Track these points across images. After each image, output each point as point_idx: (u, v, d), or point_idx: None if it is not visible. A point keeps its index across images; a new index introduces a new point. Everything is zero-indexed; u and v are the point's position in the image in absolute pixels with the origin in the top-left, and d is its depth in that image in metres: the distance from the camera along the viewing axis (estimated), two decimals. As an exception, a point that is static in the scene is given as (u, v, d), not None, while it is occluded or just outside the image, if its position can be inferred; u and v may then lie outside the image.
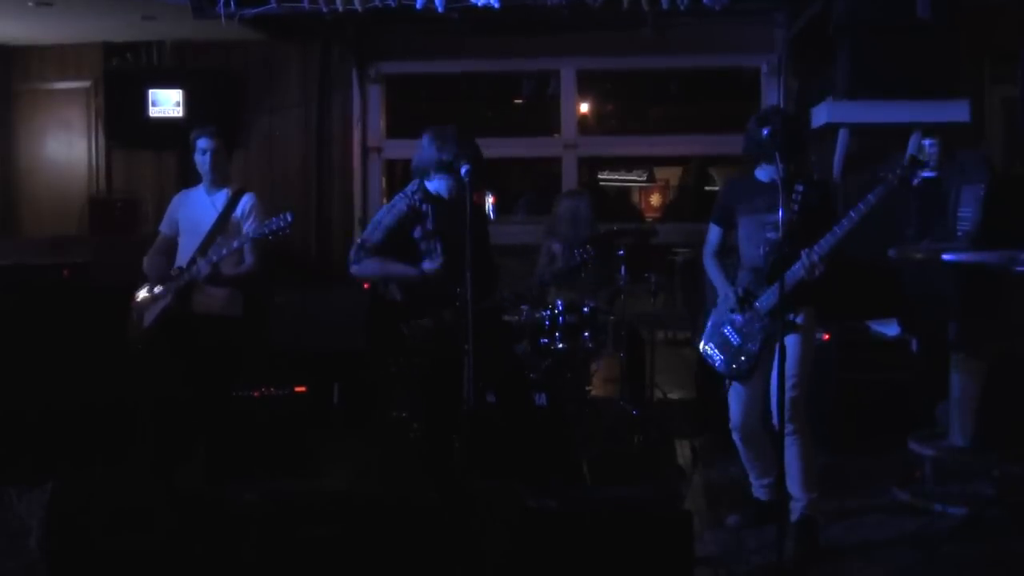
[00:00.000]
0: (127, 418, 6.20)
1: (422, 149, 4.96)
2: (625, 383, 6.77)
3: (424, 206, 5.00)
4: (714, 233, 5.29)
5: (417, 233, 4.99)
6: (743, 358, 5.02)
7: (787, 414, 4.88)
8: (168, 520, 4.18)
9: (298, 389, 6.40)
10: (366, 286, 7.76)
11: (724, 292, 5.12)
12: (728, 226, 5.23)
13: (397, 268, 5.00)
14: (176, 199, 5.81)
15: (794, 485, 4.97)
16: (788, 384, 4.88)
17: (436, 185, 4.98)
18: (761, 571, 4.74)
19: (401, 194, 5.10)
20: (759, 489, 5.35)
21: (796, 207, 4.85)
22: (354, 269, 5.08)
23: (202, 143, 5.55)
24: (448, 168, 4.86)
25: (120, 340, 5.64)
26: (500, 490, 5.24)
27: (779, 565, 4.43)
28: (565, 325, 6.28)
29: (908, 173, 4.75)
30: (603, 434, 6.34)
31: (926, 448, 5.97)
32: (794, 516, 4.95)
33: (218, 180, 5.60)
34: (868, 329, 6.86)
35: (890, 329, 6.76)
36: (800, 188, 4.92)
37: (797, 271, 4.78)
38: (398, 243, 5.01)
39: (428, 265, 4.93)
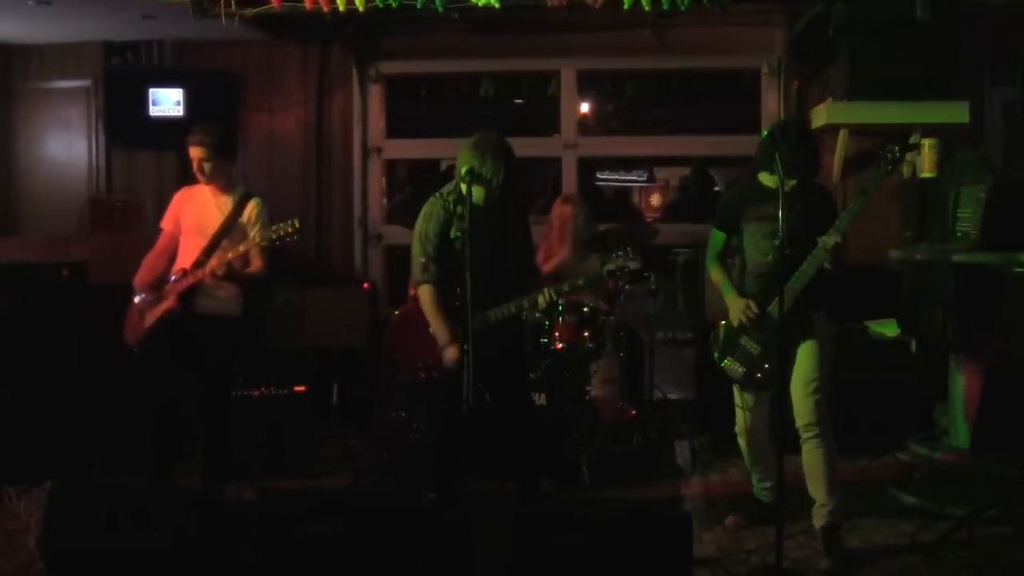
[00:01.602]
0: (126, 418, 6.20)
1: (462, 155, 4.99)
2: (624, 383, 6.77)
3: (458, 208, 5.05)
4: (718, 238, 5.24)
5: (452, 235, 5.06)
6: (767, 366, 4.98)
7: (811, 417, 4.87)
8: (167, 520, 4.18)
9: (297, 389, 6.40)
10: (365, 286, 7.78)
11: (735, 303, 5.06)
12: (732, 231, 5.17)
13: (436, 324, 5.06)
14: (179, 195, 5.77)
15: (819, 490, 4.94)
16: (811, 388, 4.87)
17: (471, 190, 4.97)
18: (759, 572, 4.75)
19: (436, 196, 5.16)
20: (761, 491, 5.35)
21: (800, 216, 4.82)
22: (419, 289, 5.15)
23: (193, 152, 5.48)
24: (480, 179, 4.89)
25: (119, 339, 5.63)
26: (499, 490, 5.25)
27: (777, 566, 4.43)
28: (565, 325, 6.28)
29: (899, 158, 4.74)
30: (602, 435, 6.34)
31: (925, 449, 5.97)
32: (819, 522, 4.93)
33: (219, 186, 5.57)
34: (867, 330, 6.86)
35: (889, 330, 6.76)
36: (805, 198, 4.89)
37: (806, 270, 4.77)
38: (446, 248, 5.08)
39: (447, 356, 4.98)
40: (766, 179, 4.99)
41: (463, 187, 4.97)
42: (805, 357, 4.93)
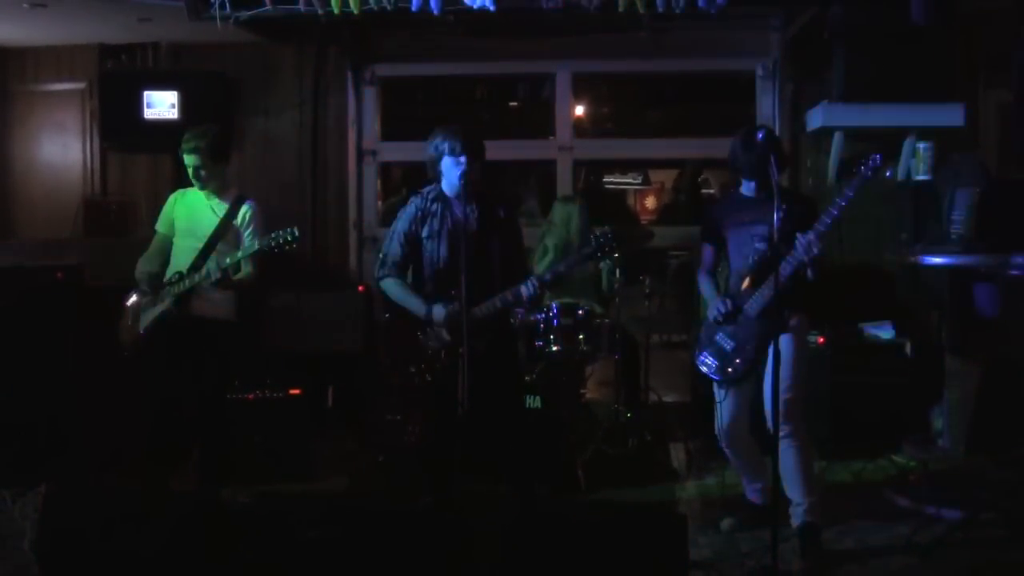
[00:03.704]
0: (122, 420, 6.19)
1: (430, 145, 5.00)
2: (620, 386, 6.77)
3: (435, 205, 5.04)
4: (707, 252, 5.34)
5: (425, 232, 5.05)
6: (738, 361, 5.02)
7: (782, 417, 4.89)
8: (162, 523, 4.18)
9: (293, 391, 6.39)
10: (361, 288, 7.77)
11: (713, 303, 5.15)
12: (718, 242, 5.27)
13: (411, 303, 5.08)
14: (173, 197, 5.77)
15: (793, 489, 4.97)
16: (783, 387, 4.88)
17: (448, 185, 5.00)
18: (755, 574, 4.75)
19: (416, 194, 5.16)
20: (752, 492, 5.37)
21: (780, 221, 4.84)
22: (381, 285, 5.20)
23: (187, 159, 5.48)
24: (453, 153, 4.91)
25: (114, 342, 5.63)
26: (494, 493, 5.25)
27: (772, 568, 4.43)
28: (560, 328, 6.28)
29: (880, 167, 4.75)
30: (598, 437, 6.34)
31: (920, 452, 5.99)
32: (795, 521, 4.96)
33: (213, 189, 5.57)
34: (862, 332, 6.87)
35: (884, 332, 6.77)
36: (784, 207, 4.90)
37: (785, 268, 4.78)
38: (413, 246, 5.08)
39: (437, 313, 4.97)
40: (744, 188, 5.20)
41: (443, 184, 5.00)
42: (780, 357, 4.93)
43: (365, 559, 4.05)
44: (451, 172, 4.96)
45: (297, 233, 5.15)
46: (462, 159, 4.89)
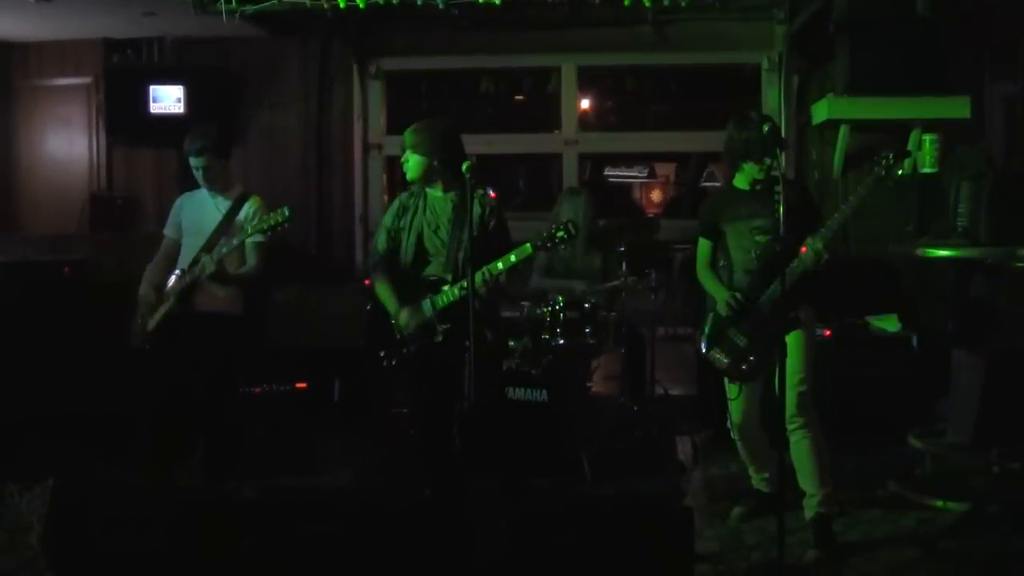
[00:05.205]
0: (128, 415, 6.20)
1: None
2: (626, 379, 6.77)
3: (413, 200, 5.07)
4: (704, 246, 5.32)
5: (400, 224, 5.07)
6: (752, 358, 5.00)
7: (796, 410, 4.91)
8: (168, 517, 4.19)
9: (299, 386, 6.39)
10: (367, 282, 7.77)
11: (722, 297, 5.09)
12: (715, 237, 5.26)
13: (385, 299, 5.10)
14: (179, 201, 5.76)
15: (807, 481, 4.97)
16: (795, 380, 4.91)
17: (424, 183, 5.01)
18: (761, 567, 4.75)
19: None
20: (759, 482, 5.38)
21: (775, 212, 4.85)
22: (372, 278, 5.22)
23: (192, 161, 5.48)
24: (415, 149, 4.95)
25: (121, 337, 5.63)
26: (499, 486, 5.25)
27: (779, 562, 4.44)
28: (566, 321, 6.28)
29: (894, 165, 4.74)
30: (604, 430, 6.34)
31: (926, 444, 5.98)
32: (808, 513, 4.96)
33: (218, 187, 5.57)
34: (868, 325, 6.87)
35: (890, 325, 6.77)
36: (778, 189, 4.91)
37: (796, 268, 4.79)
38: (395, 239, 5.09)
39: (400, 321, 4.99)
40: (738, 181, 5.15)
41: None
42: (791, 351, 4.93)
43: (369, 554, 4.06)
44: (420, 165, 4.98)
45: (288, 212, 5.12)
46: (407, 153, 4.92)
